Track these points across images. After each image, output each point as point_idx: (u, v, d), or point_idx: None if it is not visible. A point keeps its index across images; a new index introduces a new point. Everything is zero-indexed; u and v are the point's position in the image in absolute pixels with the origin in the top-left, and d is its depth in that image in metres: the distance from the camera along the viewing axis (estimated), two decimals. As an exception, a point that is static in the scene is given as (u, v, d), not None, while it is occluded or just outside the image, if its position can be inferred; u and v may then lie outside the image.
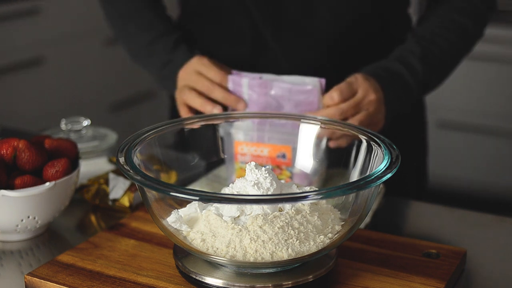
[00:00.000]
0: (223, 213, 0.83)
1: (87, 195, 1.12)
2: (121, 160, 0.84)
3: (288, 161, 1.05)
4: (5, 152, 0.99)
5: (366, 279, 0.86)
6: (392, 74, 1.15)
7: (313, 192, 0.77)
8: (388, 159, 0.84)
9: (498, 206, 2.73)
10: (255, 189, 0.83)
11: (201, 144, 1.04)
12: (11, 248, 1.00)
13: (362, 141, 0.92)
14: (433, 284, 0.85)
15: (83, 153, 1.19)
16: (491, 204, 2.74)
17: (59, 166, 0.99)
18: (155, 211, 0.85)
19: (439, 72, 1.23)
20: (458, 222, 1.09)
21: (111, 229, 0.99)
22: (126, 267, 0.89)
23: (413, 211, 1.15)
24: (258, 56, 1.27)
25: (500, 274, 0.94)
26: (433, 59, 1.20)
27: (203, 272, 0.84)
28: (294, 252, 0.80)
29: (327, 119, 0.99)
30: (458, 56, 1.26)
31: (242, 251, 0.80)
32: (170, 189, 0.78)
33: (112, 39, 2.91)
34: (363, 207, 0.84)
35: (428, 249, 0.93)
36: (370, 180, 0.79)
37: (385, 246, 0.94)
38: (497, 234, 1.05)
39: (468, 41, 1.26)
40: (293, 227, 0.81)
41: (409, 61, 1.18)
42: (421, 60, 1.18)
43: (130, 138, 0.91)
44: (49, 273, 0.88)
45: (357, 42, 1.26)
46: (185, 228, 0.84)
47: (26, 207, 0.97)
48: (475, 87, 2.79)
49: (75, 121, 1.24)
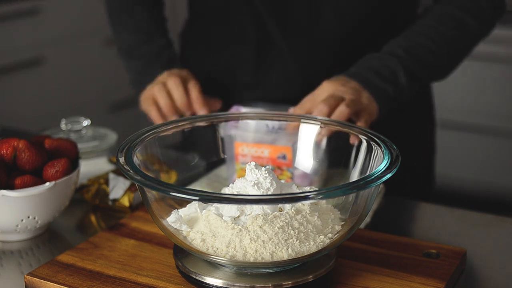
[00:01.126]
0: (223, 213, 0.83)
1: (87, 195, 1.12)
2: (121, 160, 0.84)
3: (288, 162, 1.05)
4: (5, 152, 0.99)
5: (366, 279, 0.86)
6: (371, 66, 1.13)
7: (313, 192, 0.77)
8: (388, 159, 0.84)
9: (498, 206, 2.73)
10: (255, 189, 0.83)
11: (201, 144, 1.04)
12: (11, 248, 1.00)
13: (362, 141, 0.92)
14: (433, 284, 0.85)
15: (83, 153, 1.19)
16: (491, 204, 2.74)
17: (59, 166, 0.99)
18: (155, 211, 0.85)
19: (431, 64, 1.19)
20: (458, 222, 1.09)
21: (111, 229, 0.99)
22: (126, 267, 0.89)
23: (413, 211, 1.15)
24: (264, 56, 1.27)
25: (500, 274, 0.94)
26: (421, 50, 1.17)
27: (203, 272, 0.84)
28: (294, 252, 0.80)
29: (327, 119, 0.99)
30: (456, 50, 1.23)
31: (242, 251, 0.80)
32: (170, 189, 0.78)
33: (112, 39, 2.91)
34: (363, 207, 0.84)
35: (428, 249, 0.93)
36: (370, 180, 0.79)
37: (385, 246, 0.94)
38: (497, 234, 1.05)
39: (467, 37, 1.23)
40: (293, 227, 0.81)
41: (394, 51, 1.15)
42: (407, 50, 1.16)
43: (130, 138, 0.91)
44: (49, 273, 0.88)
45: (364, 42, 1.25)
46: (185, 228, 0.83)
47: (26, 207, 0.97)
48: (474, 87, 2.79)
49: (75, 121, 1.24)
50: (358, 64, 1.16)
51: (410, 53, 1.16)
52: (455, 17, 1.20)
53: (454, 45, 1.22)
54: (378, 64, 1.14)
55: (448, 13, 1.21)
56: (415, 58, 1.16)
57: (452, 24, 1.20)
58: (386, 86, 1.13)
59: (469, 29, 1.22)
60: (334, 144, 1.01)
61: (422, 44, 1.17)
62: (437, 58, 1.19)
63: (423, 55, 1.17)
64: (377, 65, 1.14)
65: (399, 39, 1.19)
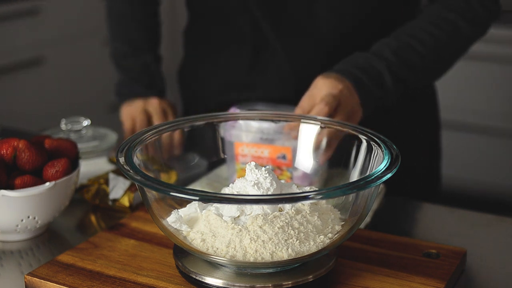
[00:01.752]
0: (223, 213, 0.83)
1: (87, 195, 1.12)
2: (121, 160, 0.84)
3: (288, 162, 1.05)
4: (5, 152, 0.99)
5: (366, 279, 0.86)
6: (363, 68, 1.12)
7: (313, 192, 0.77)
8: (388, 159, 0.84)
9: (498, 206, 2.73)
10: (255, 189, 0.83)
11: (201, 144, 1.04)
12: (11, 248, 1.00)
13: (362, 141, 0.92)
14: (433, 284, 0.85)
15: (83, 153, 1.19)
16: (491, 204, 2.74)
17: (59, 166, 0.99)
18: (155, 211, 0.85)
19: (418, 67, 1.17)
20: (458, 222, 1.09)
21: (111, 229, 0.99)
22: (126, 267, 0.89)
23: (413, 211, 1.15)
24: (259, 56, 1.27)
25: (500, 274, 0.94)
26: (410, 52, 1.16)
27: (203, 272, 0.84)
28: (294, 252, 0.80)
29: (327, 119, 0.99)
30: (446, 54, 1.22)
31: (242, 251, 0.80)
32: (170, 189, 0.78)
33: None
34: (363, 207, 0.84)
35: (428, 249, 0.93)
36: (370, 180, 0.79)
37: (385, 246, 0.94)
38: (497, 234, 1.05)
39: (459, 41, 1.22)
40: (293, 227, 0.81)
41: (381, 52, 1.15)
42: (395, 51, 1.15)
43: (130, 138, 0.91)
44: (49, 273, 0.88)
45: (362, 42, 1.24)
46: (185, 228, 0.83)
47: (26, 207, 0.97)
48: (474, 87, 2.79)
49: (75, 121, 1.24)
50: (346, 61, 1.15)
51: (398, 55, 1.15)
52: (448, 20, 1.19)
53: (445, 49, 1.21)
54: (364, 63, 1.13)
55: (441, 15, 1.20)
56: (402, 60, 1.15)
57: (444, 27, 1.19)
58: (373, 87, 1.12)
59: (462, 32, 1.20)
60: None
61: (411, 46, 1.16)
62: (426, 62, 1.18)
63: (411, 57, 1.16)
64: (363, 65, 1.13)
65: (389, 39, 1.18)
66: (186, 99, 1.46)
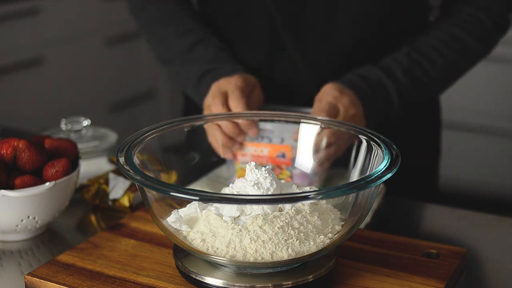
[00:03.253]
0: (223, 213, 0.83)
1: (87, 195, 1.12)
2: (121, 160, 0.84)
3: (288, 161, 1.05)
4: (5, 152, 0.99)
5: (366, 279, 0.86)
6: (373, 85, 1.14)
7: (313, 192, 0.77)
8: (388, 159, 0.84)
9: (498, 206, 2.73)
10: (255, 189, 0.83)
11: (201, 144, 1.04)
12: (11, 248, 1.00)
13: (362, 141, 0.92)
14: (433, 284, 0.85)
15: (83, 153, 1.19)
16: (491, 204, 2.74)
17: (59, 166, 0.99)
18: (155, 211, 0.85)
19: (425, 88, 1.20)
20: (458, 222, 1.09)
21: (111, 229, 0.99)
22: (126, 267, 0.89)
23: (413, 211, 1.15)
24: (275, 60, 1.26)
25: (500, 274, 0.94)
26: (420, 73, 1.18)
27: (203, 272, 0.84)
28: (294, 252, 0.80)
29: (327, 119, 0.99)
30: (454, 73, 1.24)
31: (242, 251, 0.80)
32: (170, 189, 0.78)
33: (112, 39, 2.91)
34: (363, 207, 0.84)
35: (428, 249, 0.93)
36: (370, 180, 0.79)
37: (385, 246, 0.94)
38: (497, 234, 1.05)
39: (467, 59, 1.24)
40: (293, 227, 0.81)
41: (393, 72, 1.16)
42: (406, 72, 1.16)
43: (130, 138, 0.91)
44: (49, 273, 0.88)
45: (378, 48, 1.24)
46: (185, 228, 0.84)
47: (26, 207, 0.97)
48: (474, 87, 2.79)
49: (75, 121, 1.24)
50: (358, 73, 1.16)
51: (408, 76, 1.17)
52: (459, 39, 1.21)
53: (453, 69, 1.23)
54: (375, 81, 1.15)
55: (453, 34, 1.21)
56: (412, 81, 1.17)
57: (455, 47, 1.21)
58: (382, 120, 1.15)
59: (471, 52, 1.23)
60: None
61: (422, 67, 1.18)
62: (434, 81, 1.21)
63: (421, 78, 1.18)
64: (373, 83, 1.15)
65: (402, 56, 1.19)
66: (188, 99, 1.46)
